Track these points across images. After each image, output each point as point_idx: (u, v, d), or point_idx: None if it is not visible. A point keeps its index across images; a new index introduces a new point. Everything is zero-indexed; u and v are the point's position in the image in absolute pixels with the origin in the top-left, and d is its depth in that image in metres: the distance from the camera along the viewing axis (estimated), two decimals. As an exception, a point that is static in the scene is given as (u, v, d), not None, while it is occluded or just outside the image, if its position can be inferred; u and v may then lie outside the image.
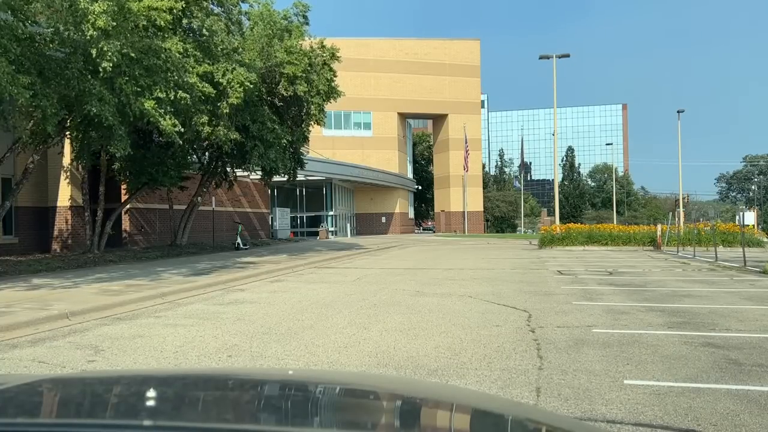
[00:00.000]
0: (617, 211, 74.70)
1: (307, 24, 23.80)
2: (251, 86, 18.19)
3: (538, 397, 4.74)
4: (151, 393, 1.72)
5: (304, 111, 24.79)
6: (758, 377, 5.26)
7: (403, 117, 60.50)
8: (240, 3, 20.25)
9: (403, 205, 58.71)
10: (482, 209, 63.25)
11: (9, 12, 12.03)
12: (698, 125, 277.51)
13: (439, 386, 3.70)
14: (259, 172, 24.52)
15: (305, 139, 27.05)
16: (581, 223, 44.49)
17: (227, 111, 17.99)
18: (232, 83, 17.49)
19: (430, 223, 73.59)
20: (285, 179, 28.41)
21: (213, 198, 27.70)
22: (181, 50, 14.84)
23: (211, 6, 18.05)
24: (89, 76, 13.30)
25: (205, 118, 17.29)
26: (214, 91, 16.60)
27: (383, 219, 56.92)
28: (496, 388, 4.97)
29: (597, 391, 4.85)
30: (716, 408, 4.41)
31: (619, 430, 4.01)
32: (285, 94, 22.82)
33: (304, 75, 22.24)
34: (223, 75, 17.42)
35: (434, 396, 1.83)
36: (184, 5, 15.47)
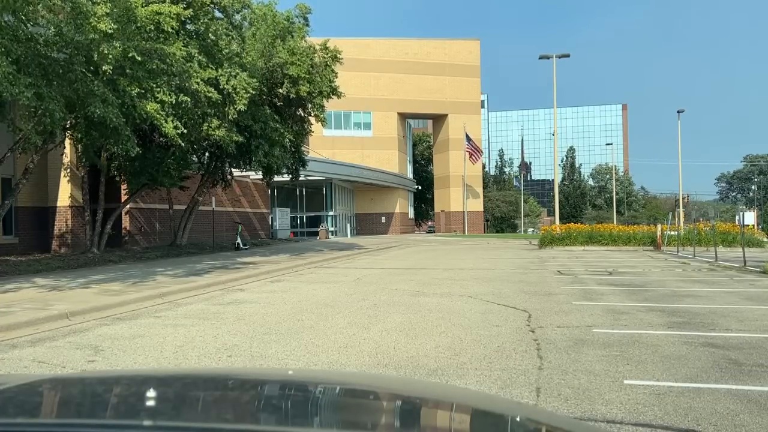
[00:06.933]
0: (617, 211, 74.69)
1: (308, 26, 23.88)
2: (254, 92, 18.27)
3: (538, 397, 4.74)
4: (151, 393, 1.72)
5: (306, 110, 24.91)
6: (758, 377, 5.26)
7: (403, 117, 60.49)
8: (243, 8, 20.27)
9: (403, 205, 58.70)
10: (482, 209, 63.25)
11: (10, 13, 12.02)
12: (698, 125, 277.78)
13: (439, 386, 3.70)
14: (260, 172, 24.56)
15: (306, 137, 27.16)
16: (581, 223, 44.48)
17: (234, 117, 18.08)
18: (237, 88, 17.52)
19: (430, 223, 73.59)
20: (286, 179, 28.49)
21: (213, 198, 27.71)
22: (185, 54, 14.85)
23: (213, 9, 18.07)
24: (92, 78, 13.31)
25: (216, 122, 17.37)
26: (220, 97, 16.65)
27: (383, 219, 56.91)
28: (496, 388, 4.97)
29: (597, 391, 4.85)
30: (716, 408, 4.41)
31: (619, 430, 4.01)
32: (287, 94, 22.87)
33: (307, 76, 22.29)
34: (228, 81, 17.45)
35: (434, 396, 1.83)
36: (191, 13, 15.49)
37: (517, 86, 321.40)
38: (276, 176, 26.27)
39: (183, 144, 16.82)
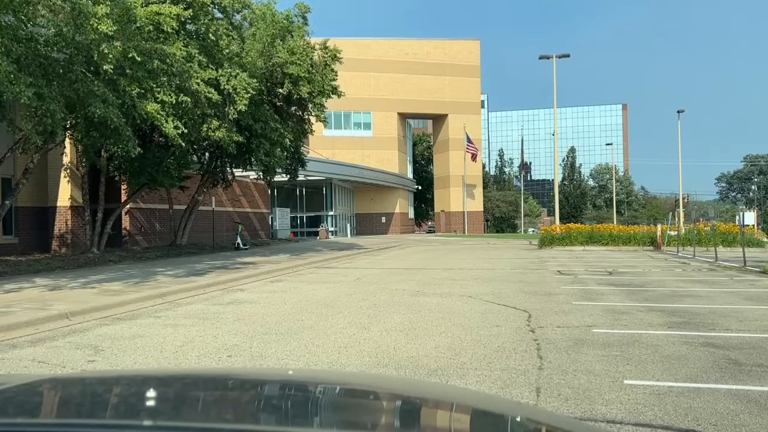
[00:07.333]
0: (618, 211, 74.73)
1: (307, 25, 23.89)
2: (254, 92, 18.28)
3: (538, 397, 4.74)
4: (151, 393, 1.72)
5: (306, 110, 24.92)
6: (758, 377, 5.26)
7: (403, 117, 60.50)
8: (243, 8, 20.28)
9: (403, 205, 58.71)
10: (482, 209, 63.25)
11: (10, 13, 12.03)
12: (698, 125, 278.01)
13: (439, 386, 3.70)
14: (260, 172, 24.55)
15: (306, 137, 27.19)
16: (581, 223, 44.49)
17: (234, 117, 18.09)
18: (237, 89, 17.53)
19: (430, 223, 73.61)
20: (285, 179, 28.47)
21: (213, 198, 27.70)
22: (186, 54, 14.85)
23: (213, 9, 18.07)
24: (92, 78, 13.31)
25: (216, 123, 17.37)
26: (220, 97, 16.64)
27: (383, 219, 56.92)
28: (496, 388, 4.97)
29: (597, 391, 4.85)
30: (716, 408, 4.41)
31: (619, 430, 4.01)
32: (288, 94, 22.88)
33: (307, 75, 22.30)
34: (228, 81, 17.44)
35: (434, 396, 1.83)
36: (191, 14, 15.49)
37: (517, 86, 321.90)
38: (276, 176, 26.28)
39: (183, 144, 16.82)
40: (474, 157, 58.49)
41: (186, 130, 15.74)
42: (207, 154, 24.35)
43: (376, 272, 16.36)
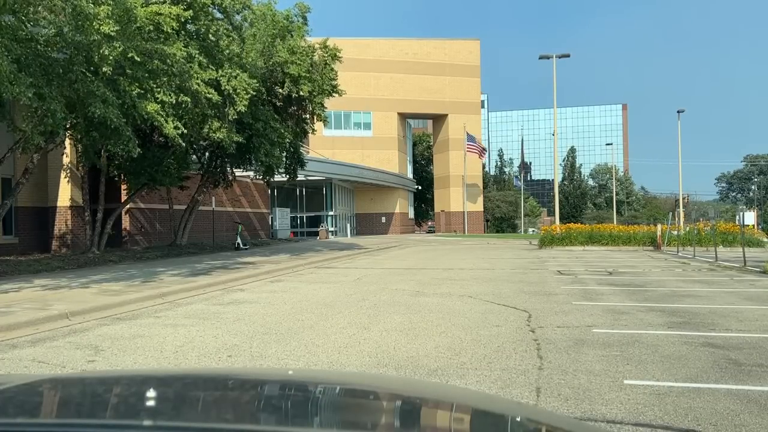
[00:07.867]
0: (618, 211, 74.75)
1: (307, 25, 23.90)
2: (254, 93, 18.30)
3: (538, 397, 4.74)
4: (151, 393, 1.72)
5: (307, 110, 24.93)
6: (758, 377, 5.25)
7: (403, 117, 60.49)
8: (243, 9, 20.28)
9: (403, 205, 58.70)
10: (482, 209, 63.25)
11: (11, 14, 12.03)
12: (698, 125, 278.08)
13: (439, 386, 3.70)
14: (261, 173, 24.53)
15: (305, 137, 27.21)
16: (581, 223, 44.49)
17: (234, 117, 18.10)
18: (237, 89, 17.54)
19: (430, 223, 73.62)
20: (285, 179, 28.48)
21: (213, 198, 27.69)
22: (186, 55, 14.84)
23: (213, 9, 18.07)
24: (92, 78, 13.31)
25: (216, 124, 17.37)
26: (220, 98, 16.64)
27: (383, 219, 56.91)
28: (496, 388, 4.97)
29: (597, 391, 4.84)
30: (716, 408, 4.41)
31: (619, 430, 4.01)
32: (288, 93, 22.90)
33: (307, 75, 22.33)
34: (228, 81, 17.45)
35: (434, 396, 1.83)
36: (192, 14, 15.49)
37: (517, 86, 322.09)
38: (276, 176, 26.31)
39: (183, 144, 16.84)
40: (482, 154, 58.56)
41: (186, 131, 15.75)
42: (207, 154, 24.36)
43: (376, 272, 16.36)
